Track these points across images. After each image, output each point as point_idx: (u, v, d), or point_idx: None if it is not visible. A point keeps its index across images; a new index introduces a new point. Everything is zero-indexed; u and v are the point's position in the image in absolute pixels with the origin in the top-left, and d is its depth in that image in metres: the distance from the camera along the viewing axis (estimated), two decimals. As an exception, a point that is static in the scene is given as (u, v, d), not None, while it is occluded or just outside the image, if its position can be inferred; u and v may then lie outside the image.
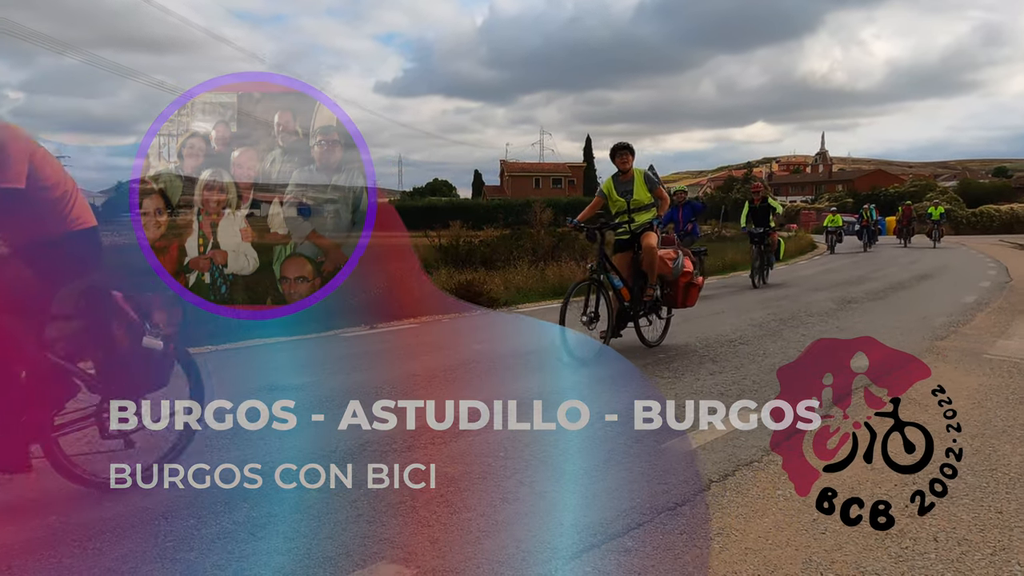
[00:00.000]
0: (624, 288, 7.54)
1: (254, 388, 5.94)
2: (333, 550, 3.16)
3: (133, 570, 2.98)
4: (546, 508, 3.63)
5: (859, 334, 8.34)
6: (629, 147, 7.59)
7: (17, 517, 3.46)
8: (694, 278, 7.92)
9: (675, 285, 7.80)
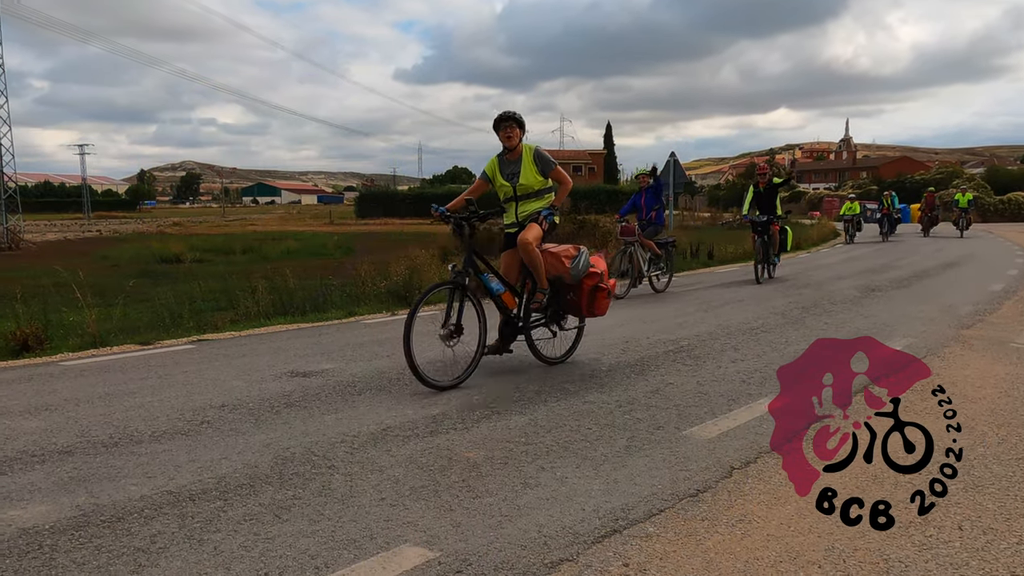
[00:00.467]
0: (507, 293, 6.17)
1: (277, 374, 6.01)
2: (357, 532, 3.19)
3: (162, 550, 3.02)
4: (567, 494, 3.64)
5: (883, 323, 8.29)
6: (516, 118, 6.16)
7: (47, 498, 3.53)
8: (602, 280, 6.47)
9: (579, 289, 6.39)
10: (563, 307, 6.51)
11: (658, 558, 3.06)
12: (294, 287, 10.62)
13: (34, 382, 5.83)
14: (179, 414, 4.86)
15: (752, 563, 3.03)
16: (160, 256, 23.65)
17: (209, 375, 5.99)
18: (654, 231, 11.91)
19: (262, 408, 5.01)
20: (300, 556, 2.98)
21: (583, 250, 6.46)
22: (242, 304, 9.69)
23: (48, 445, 4.26)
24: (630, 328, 8.23)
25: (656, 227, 11.95)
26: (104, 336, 7.67)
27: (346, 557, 2.98)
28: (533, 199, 6.25)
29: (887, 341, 7.32)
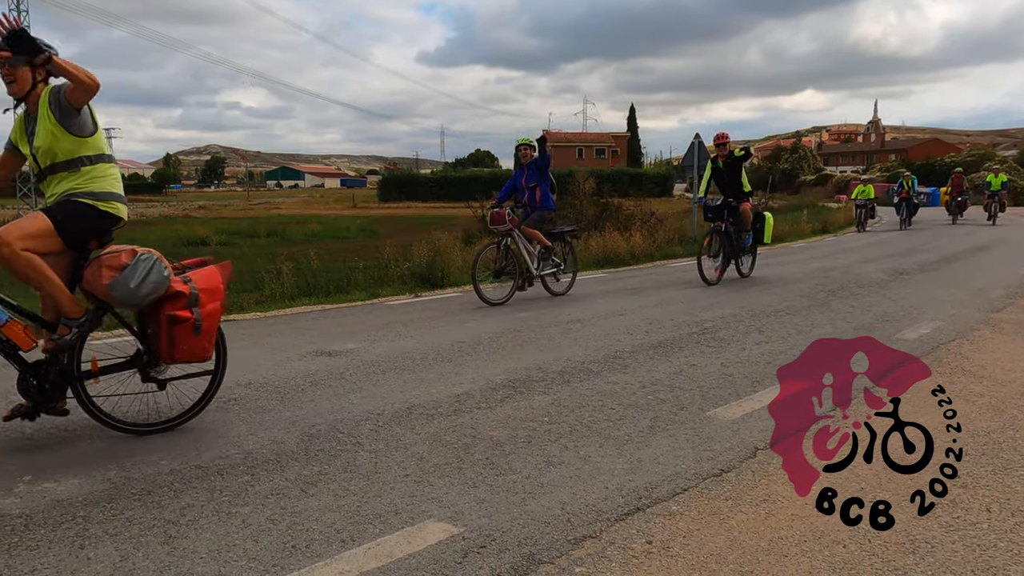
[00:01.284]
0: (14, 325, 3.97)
1: (303, 353, 6.07)
2: (382, 508, 3.22)
3: (192, 522, 3.08)
4: (590, 472, 3.65)
5: (910, 305, 8.19)
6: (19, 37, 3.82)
7: (80, 472, 3.60)
8: (190, 306, 4.13)
9: (156, 321, 4.12)
10: (148, 354, 4.26)
11: (681, 536, 3.06)
12: (318, 269, 10.69)
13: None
14: (207, 392, 4.92)
15: (776, 542, 3.02)
16: (186, 239, 23.90)
17: (235, 354, 6.03)
18: (539, 218, 9.34)
19: (288, 386, 5.06)
20: (326, 530, 3.02)
21: (144, 256, 4.05)
22: (267, 286, 9.77)
23: (80, 420, 4.32)
24: (655, 310, 8.20)
25: (542, 212, 9.36)
26: (133, 316, 7.77)
27: (371, 531, 3.02)
28: (63, 173, 4.03)
29: (915, 324, 7.25)
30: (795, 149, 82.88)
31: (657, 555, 2.90)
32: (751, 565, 2.85)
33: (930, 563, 2.87)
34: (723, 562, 2.86)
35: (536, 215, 9.33)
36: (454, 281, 10.83)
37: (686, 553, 2.93)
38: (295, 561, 2.79)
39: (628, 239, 14.68)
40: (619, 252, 13.82)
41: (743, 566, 2.84)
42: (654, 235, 15.93)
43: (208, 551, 2.86)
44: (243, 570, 2.73)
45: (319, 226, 29.58)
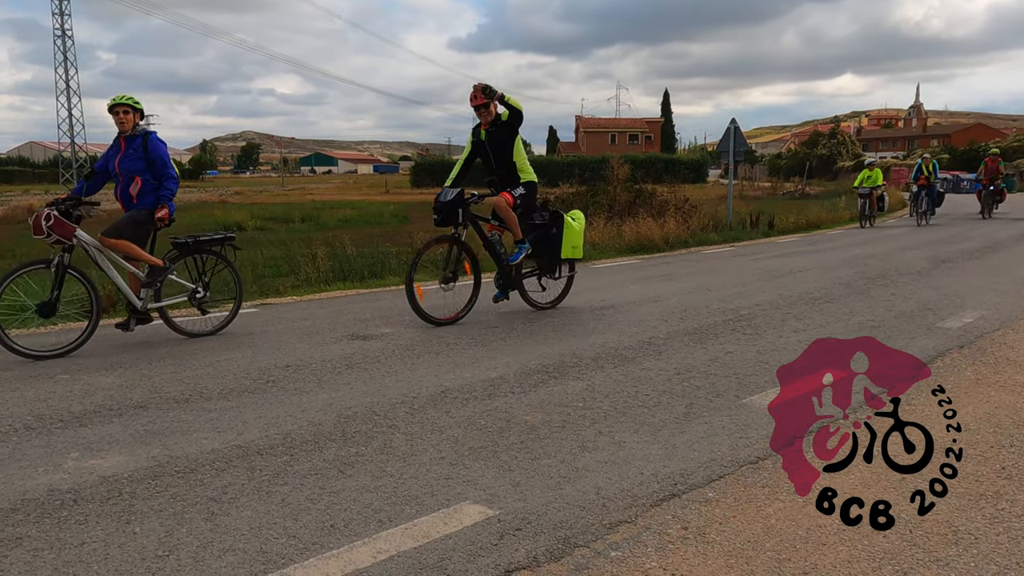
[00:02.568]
0: None
1: (338, 337, 6.13)
2: (418, 489, 3.25)
3: (233, 500, 3.14)
4: (625, 457, 3.64)
5: (952, 293, 8.03)
6: None
7: (124, 449, 3.69)
8: None
9: None
10: None
11: (717, 522, 3.05)
12: (352, 254, 10.79)
13: (108, 341, 6.07)
14: (245, 373, 5.01)
15: (814, 530, 3.00)
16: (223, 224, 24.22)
17: (273, 337, 6.15)
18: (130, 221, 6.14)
19: (324, 369, 5.13)
20: (364, 510, 3.06)
21: None
22: (303, 270, 9.89)
23: (124, 400, 4.44)
24: (690, 297, 8.13)
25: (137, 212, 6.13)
26: (172, 299, 7.91)
27: (408, 512, 3.05)
28: None
29: (958, 312, 7.11)
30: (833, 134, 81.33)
31: (693, 541, 2.90)
32: (788, 553, 2.83)
33: (973, 554, 2.83)
34: (760, 549, 2.85)
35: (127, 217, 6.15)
36: (487, 267, 10.83)
37: (722, 540, 2.91)
38: (334, 539, 2.83)
39: (662, 225, 14.56)
40: (653, 238, 13.72)
41: (780, 554, 2.82)
42: (688, 221, 15.77)
43: (249, 528, 2.91)
44: (283, 547, 2.78)
45: (353, 212, 29.80)
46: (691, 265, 11.34)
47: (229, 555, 2.72)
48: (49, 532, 2.88)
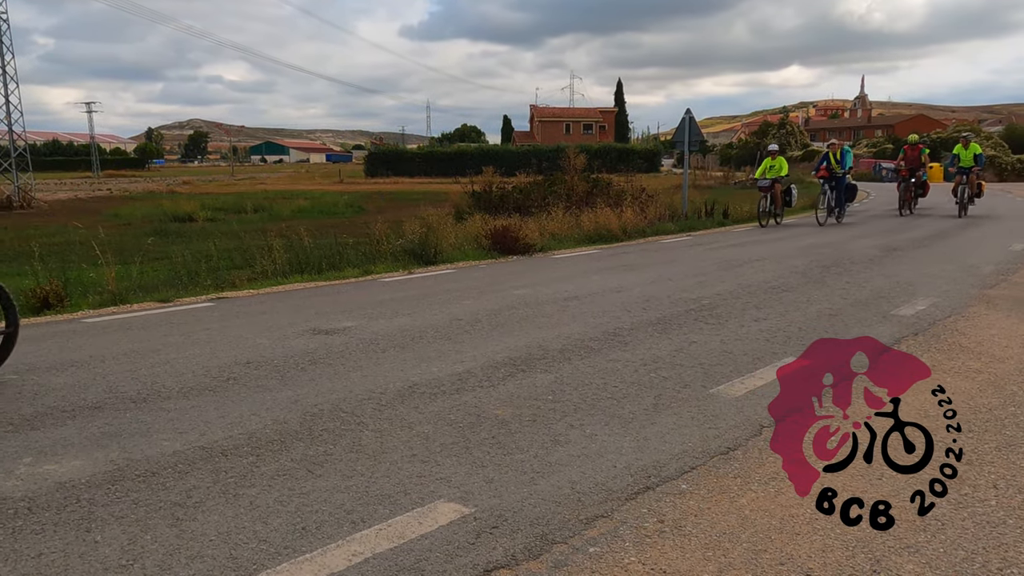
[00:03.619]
0: None
1: (300, 331, 6.00)
2: (391, 488, 3.19)
3: (198, 504, 3.04)
4: (598, 451, 3.63)
5: (905, 281, 8.21)
6: None
7: (81, 453, 3.55)
8: None
9: None
10: None
11: (693, 515, 3.05)
12: (309, 246, 10.60)
13: (58, 339, 5.85)
14: (205, 371, 4.87)
15: (788, 520, 3.02)
16: (172, 215, 23.63)
17: (232, 332, 6.00)
18: None
19: (287, 365, 5.01)
20: (335, 511, 2.99)
21: None
22: (259, 262, 9.68)
23: (77, 400, 4.28)
24: (651, 287, 8.18)
25: None
26: (123, 294, 7.68)
27: (381, 512, 2.99)
28: None
29: (911, 300, 7.27)
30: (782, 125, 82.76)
31: (670, 534, 2.90)
32: (764, 543, 2.85)
33: (942, 540, 2.88)
34: (736, 541, 2.86)
35: None
36: (447, 257, 10.77)
37: (698, 532, 2.92)
38: (306, 543, 2.76)
39: (620, 215, 14.63)
40: (611, 228, 13.77)
41: (756, 544, 2.84)
42: (645, 211, 15.88)
43: (217, 533, 2.82)
44: (254, 552, 2.69)
45: (307, 202, 29.33)
46: (650, 255, 11.42)
47: (197, 562, 2.63)
48: (3, 543, 2.75)
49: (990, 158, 47.04)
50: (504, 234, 11.72)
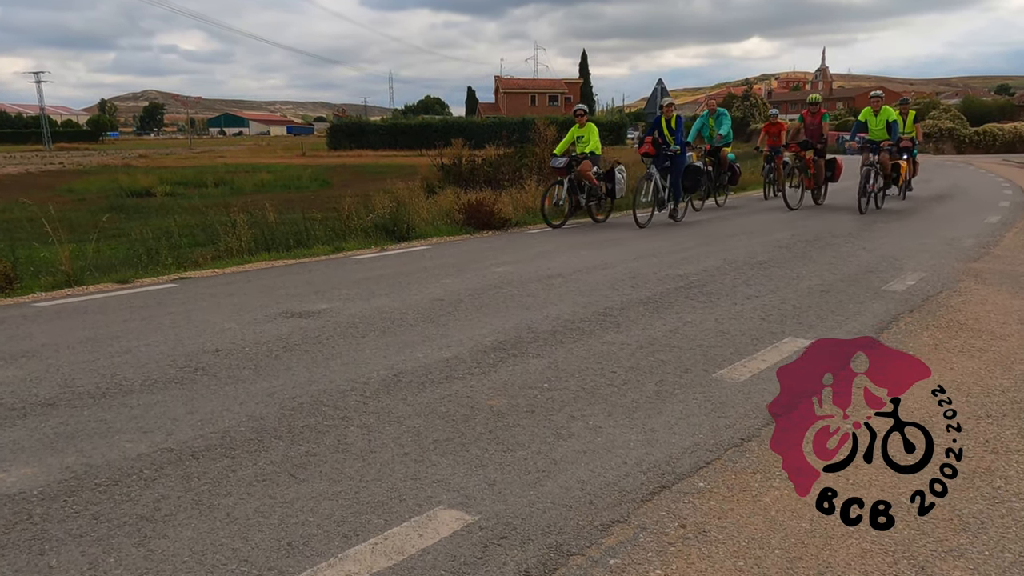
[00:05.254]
0: None
1: (271, 314, 5.63)
2: (383, 494, 2.89)
3: (168, 518, 2.71)
4: (604, 445, 3.37)
5: (889, 255, 8.06)
6: None
7: (32, 459, 3.17)
8: None
9: None
10: None
11: (716, 517, 2.81)
12: (275, 222, 10.15)
13: (7, 326, 5.40)
14: (170, 360, 4.49)
15: (818, 522, 2.79)
16: (129, 190, 22.79)
17: (197, 317, 5.60)
18: None
19: (260, 353, 4.65)
20: (324, 522, 2.69)
21: None
22: (223, 240, 9.21)
23: (29, 397, 3.88)
24: (637, 263, 7.92)
25: None
26: (79, 274, 7.21)
27: (375, 523, 2.69)
28: None
29: (900, 275, 7.12)
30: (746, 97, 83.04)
31: (694, 541, 2.65)
32: (798, 550, 2.61)
33: (984, 541, 2.67)
34: (767, 547, 2.62)
35: None
36: (421, 233, 10.40)
37: (725, 538, 2.67)
38: (294, 562, 2.45)
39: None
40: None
41: (789, 551, 2.60)
42: (618, 184, 15.57)
43: (191, 553, 2.50)
44: (234, 575, 2.38)
45: (269, 176, 28.55)
46: (628, 229, 11.16)
47: (170, 589, 2.31)
48: (-58, 570, 2.40)
49: (948, 131, 47.59)
50: (478, 208, 11.36)
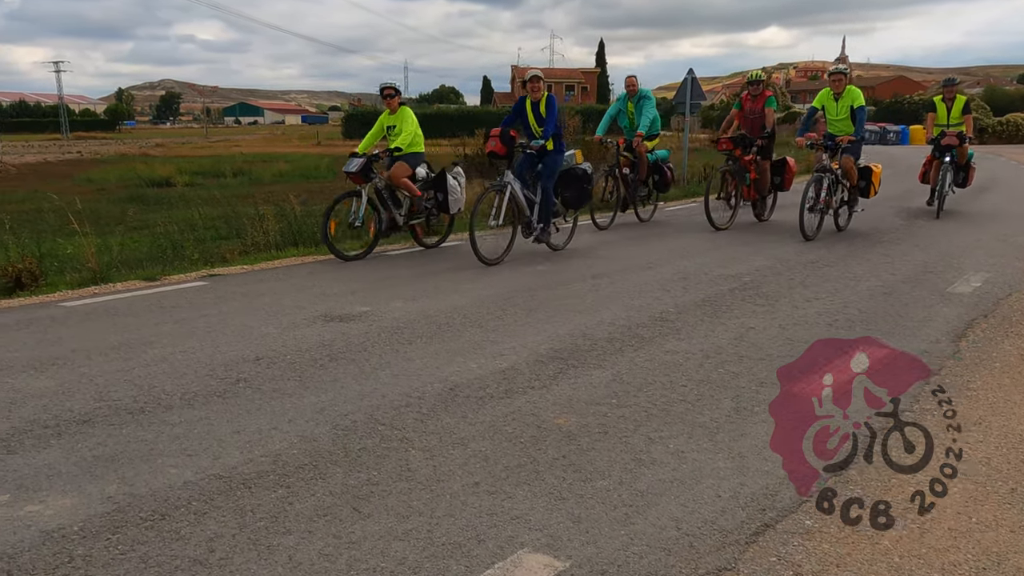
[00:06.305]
0: None
1: (310, 318, 5.35)
2: (459, 533, 2.60)
3: (224, 562, 2.42)
4: (691, 473, 3.06)
5: (946, 254, 7.68)
6: None
7: (70, 486, 2.90)
8: None
9: None
10: None
11: (834, 564, 2.50)
12: (301, 214, 9.85)
13: (35, 328, 5.14)
14: (209, 370, 4.21)
15: (950, 570, 2.48)
16: (148, 179, 22.58)
17: (233, 320, 5.32)
18: None
19: (303, 362, 4.37)
20: (398, 569, 2.40)
21: None
22: (249, 233, 8.93)
23: (63, 412, 3.61)
24: (683, 262, 7.57)
25: None
26: (105, 271, 6.95)
27: (455, 569, 2.40)
28: None
29: (962, 275, 6.76)
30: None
31: (817, 594, 2.34)
32: (936, 607, 2.30)
33: None
34: (901, 603, 2.31)
35: None
36: (456, 227, 10.08)
37: (850, 590, 2.36)
38: (370, 619, 2.16)
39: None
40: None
41: (926, 608, 2.29)
42: (650, 176, 15.19)
43: (253, 606, 2.22)
44: (305, 635, 2.09)
45: (287, 165, 28.30)
46: (663, 225, 10.80)
47: (234, 654, 2.03)
48: (-23, 626, 2.13)
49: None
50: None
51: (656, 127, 10.76)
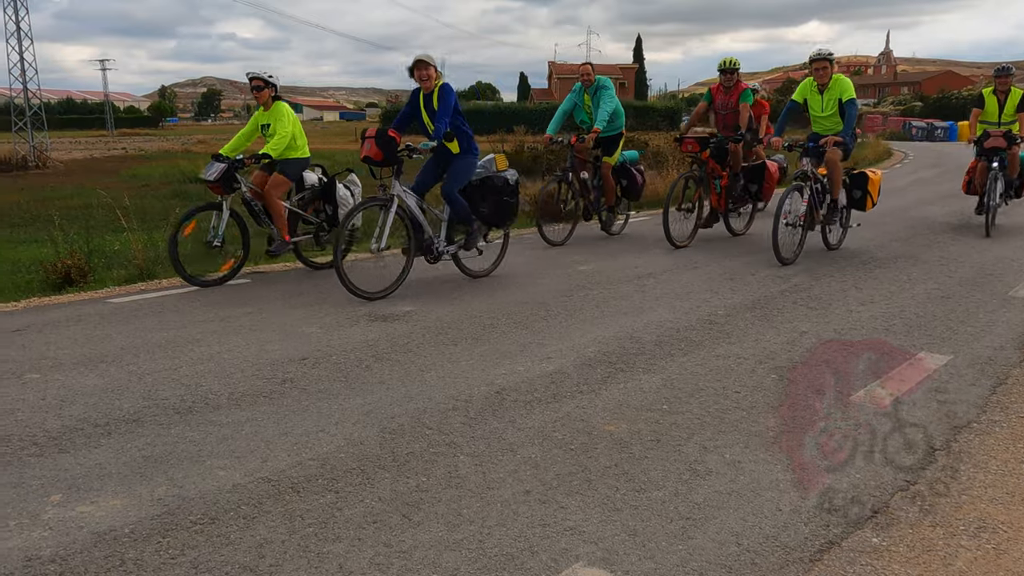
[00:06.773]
0: None
1: (353, 317, 5.33)
2: (511, 544, 2.53)
3: (275, 569, 2.39)
4: (749, 486, 2.95)
5: (1003, 256, 7.42)
6: None
7: (121, 487, 2.90)
8: None
9: None
10: None
11: (906, 587, 2.37)
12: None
13: (84, 324, 5.20)
14: (255, 370, 4.20)
15: (1031, 596, 2.34)
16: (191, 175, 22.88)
17: (277, 319, 5.33)
18: None
19: (349, 362, 4.34)
20: (450, 580, 2.33)
21: None
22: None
23: (112, 411, 3.63)
24: (729, 262, 7.42)
25: None
26: (151, 267, 7.02)
27: (509, 582, 2.33)
28: None
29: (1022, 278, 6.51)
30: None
31: (889, 619, 2.22)
32: (1019, 636, 2.17)
33: None
34: (980, 631, 2.18)
35: None
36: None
37: (924, 615, 2.25)
38: (423, 634, 2.10)
39: (664, 178, 13.79)
40: (658, 192, 12.95)
41: (1008, 637, 2.16)
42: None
43: (305, 616, 2.17)
44: (357, 649, 2.04)
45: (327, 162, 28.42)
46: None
47: (287, 667, 1.98)
48: (31, 630, 2.11)
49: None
50: (547, 201, 10.91)
51: (619, 122, 8.77)
